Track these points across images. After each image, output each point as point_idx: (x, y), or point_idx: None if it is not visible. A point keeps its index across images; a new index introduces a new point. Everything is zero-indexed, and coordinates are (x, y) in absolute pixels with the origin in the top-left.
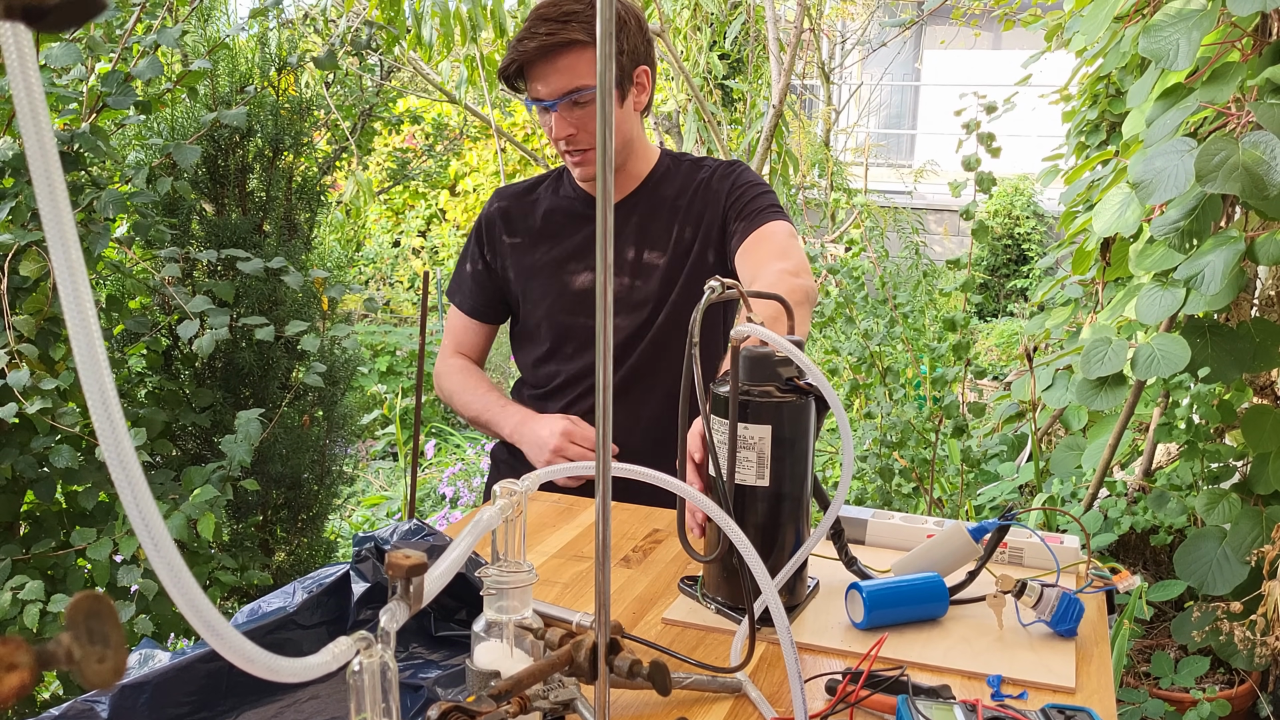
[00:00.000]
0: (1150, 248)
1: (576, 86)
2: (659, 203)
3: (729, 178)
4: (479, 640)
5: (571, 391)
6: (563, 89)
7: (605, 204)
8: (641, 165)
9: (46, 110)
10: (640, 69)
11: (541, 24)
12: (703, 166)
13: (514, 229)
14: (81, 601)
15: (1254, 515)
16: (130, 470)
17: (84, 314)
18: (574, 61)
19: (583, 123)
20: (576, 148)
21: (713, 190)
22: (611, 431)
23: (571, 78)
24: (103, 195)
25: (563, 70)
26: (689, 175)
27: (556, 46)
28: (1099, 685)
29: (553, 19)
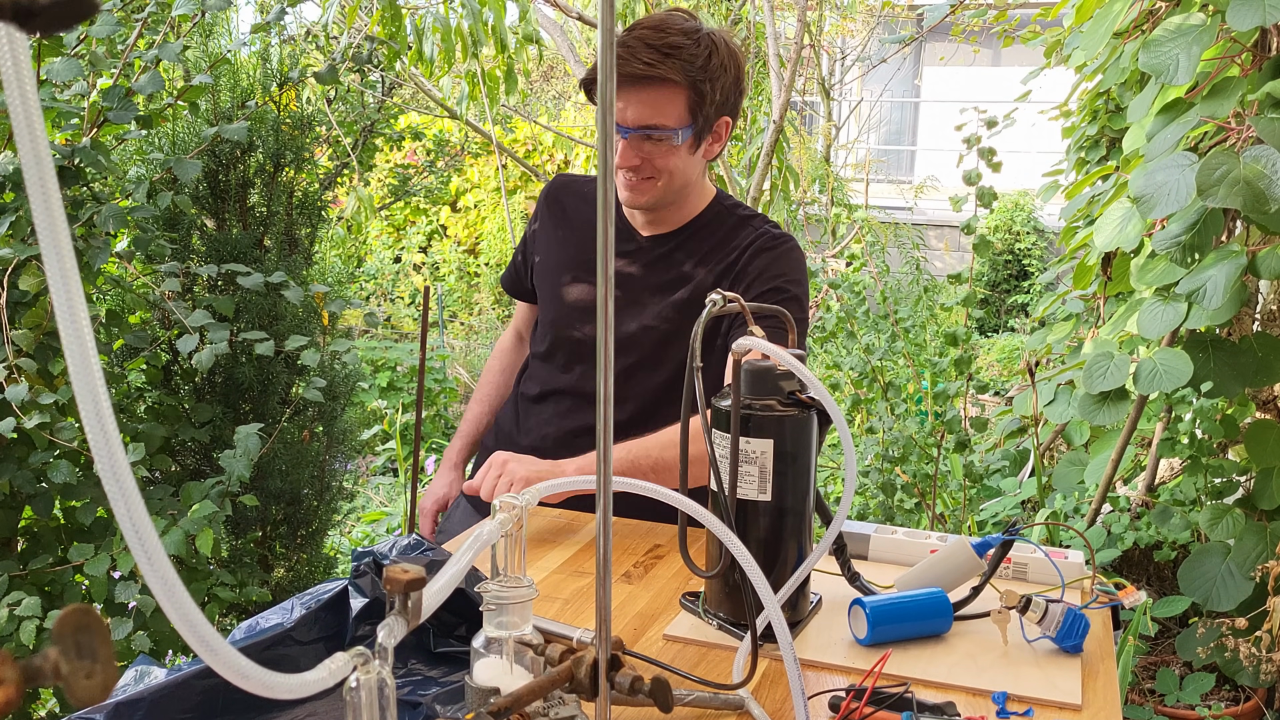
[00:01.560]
0: (1151, 262)
1: (656, 124)
2: (694, 249)
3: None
4: (478, 656)
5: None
6: (642, 121)
7: (605, 206)
8: (691, 207)
9: (41, 117)
10: (723, 120)
11: (644, 49)
12: (748, 227)
13: (553, 216)
14: (70, 616)
15: (1258, 531)
16: (125, 485)
17: (78, 326)
18: (661, 99)
19: (650, 157)
20: (638, 176)
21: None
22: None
23: (654, 113)
24: (103, 210)
25: (647, 104)
26: (733, 231)
27: (650, 80)
28: (1105, 702)
29: (656, 47)
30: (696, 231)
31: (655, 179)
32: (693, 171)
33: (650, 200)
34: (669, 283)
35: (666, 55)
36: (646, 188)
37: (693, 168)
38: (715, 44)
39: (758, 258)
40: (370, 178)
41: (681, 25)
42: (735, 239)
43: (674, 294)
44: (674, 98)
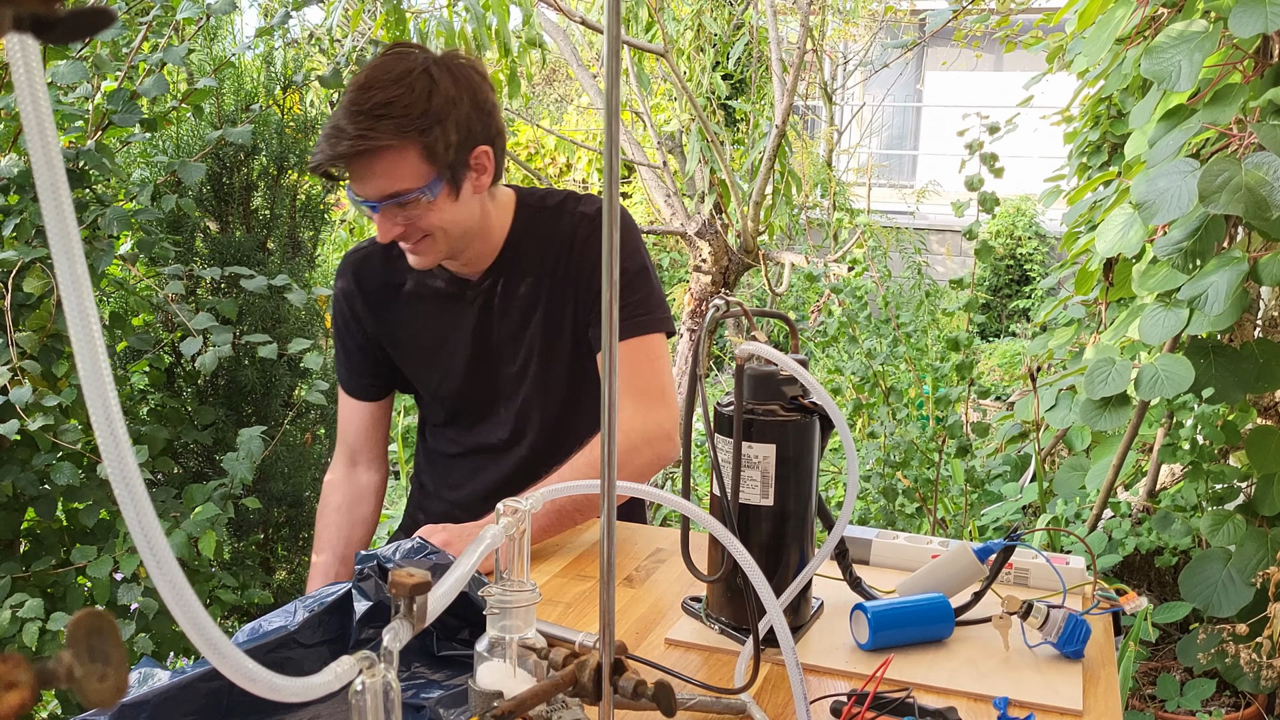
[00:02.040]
0: (1153, 268)
1: (397, 191)
2: (524, 267)
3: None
4: (482, 660)
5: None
6: (382, 193)
7: (610, 203)
8: (496, 236)
9: (53, 123)
10: (478, 151)
11: (351, 120)
12: (562, 216)
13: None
14: (83, 619)
15: (1259, 537)
16: (133, 486)
17: (89, 327)
18: (390, 165)
19: (412, 221)
20: (410, 241)
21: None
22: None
23: (391, 181)
24: (107, 212)
25: (379, 174)
26: (550, 228)
27: (368, 151)
28: (1106, 707)
29: (365, 112)
30: (516, 249)
31: (432, 237)
32: (470, 214)
33: (440, 256)
34: (518, 312)
35: (377, 119)
36: (428, 247)
37: (467, 211)
38: (435, 79)
39: (586, 247)
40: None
41: (391, 73)
42: (555, 236)
43: (529, 322)
44: (403, 158)
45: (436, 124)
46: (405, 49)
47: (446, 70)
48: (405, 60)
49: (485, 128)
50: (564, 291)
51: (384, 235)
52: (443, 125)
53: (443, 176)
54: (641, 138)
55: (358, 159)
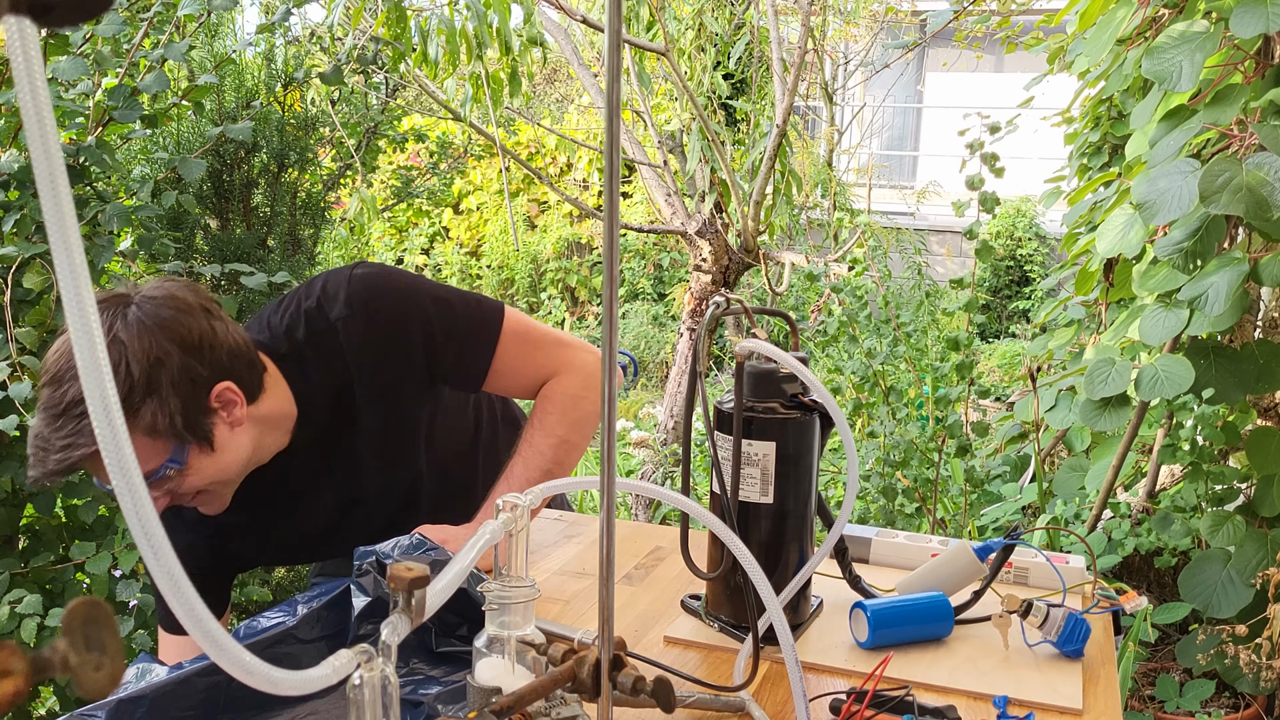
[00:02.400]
0: (1154, 269)
1: (147, 473)
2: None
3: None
4: (480, 656)
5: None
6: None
7: (611, 207)
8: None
9: (52, 114)
10: (217, 391)
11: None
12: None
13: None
14: (79, 608)
15: (1259, 538)
16: (131, 479)
17: (87, 322)
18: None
19: (173, 490)
20: (190, 503)
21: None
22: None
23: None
24: (108, 209)
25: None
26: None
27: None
28: (1106, 707)
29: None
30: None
31: (207, 492)
32: (239, 448)
33: (228, 498)
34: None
35: (80, 418)
36: (208, 500)
37: (235, 448)
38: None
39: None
40: (373, 179)
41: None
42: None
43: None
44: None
45: (146, 398)
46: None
47: (137, 327)
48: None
49: (212, 365)
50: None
51: (162, 507)
52: (156, 396)
53: (184, 440)
54: (643, 137)
55: (79, 466)
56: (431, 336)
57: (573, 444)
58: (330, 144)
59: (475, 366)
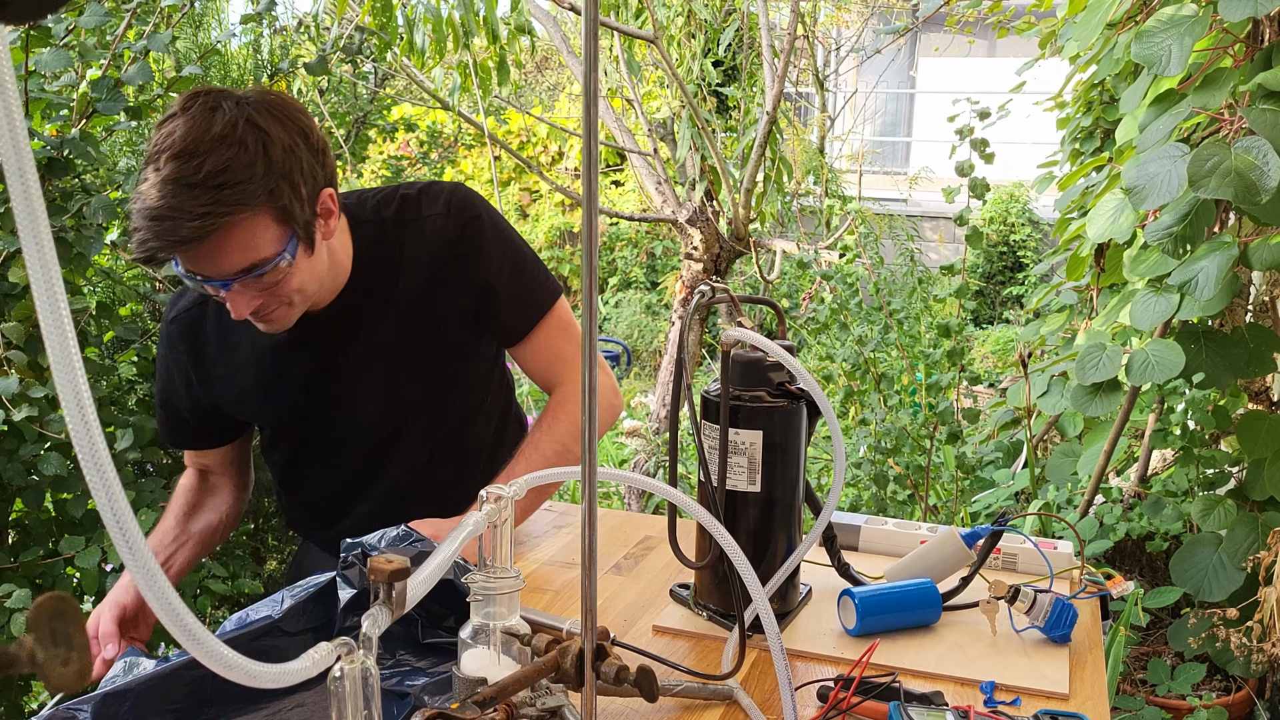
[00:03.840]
0: (1144, 253)
1: (255, 263)
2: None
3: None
4: (466, 647)
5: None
6: (238, 268)
7: (590, 200)
8: (341, 270)
9: (20, 107)
10: (323, 196)
11: (187, 198)
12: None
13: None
14: (45, 603)
15: (1250, 521)
16: (104, 470)
17: (57, 310)
18: (241, 237)
19: (268, 289)
20: (266, 313)
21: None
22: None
23: (246, 254)
24: (93, 201)
25: (234, 249)
26: (395, 240)
27: (216, 230)
28: (1093, 691)
29: (200, 184)
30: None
31: (290, 304)
32: (321, 263)
33: (298, 315)
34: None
35: (218, 189)
36: (284, 315)
37: (319, 261)
38: (265, 130)
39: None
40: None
41: (210, 132)
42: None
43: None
44: (256, 224)
45: (284, 179)
46: (209, 98)
47: (271, 116)
48: (219, 113)
49: (325, 169)
50: (435, 303)
51: (240, 312)
52: (290, 180)
53: (297, 235)
54: (633, 125)
55: (204, 242)
56: (498, 274)
57: (575, 455)
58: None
59: (519, 324)
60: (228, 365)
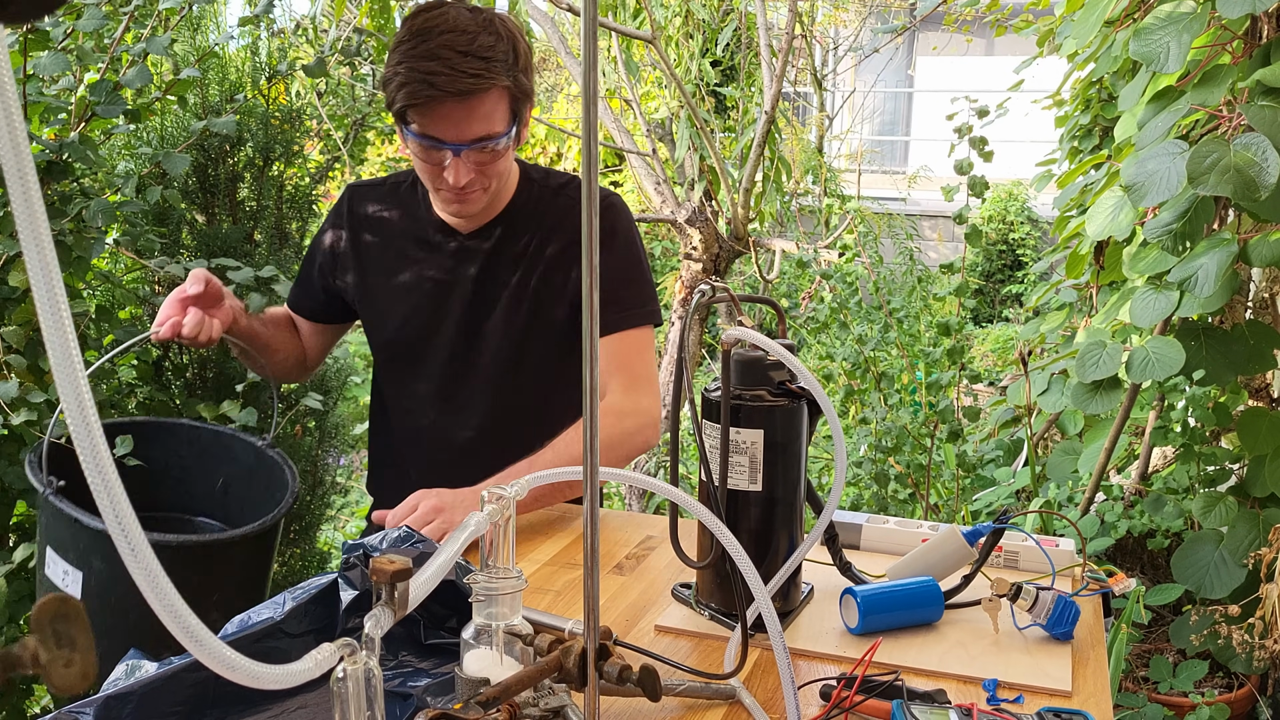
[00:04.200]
0: (1144, 251)
1: (489, 134)
2: (517, 235)
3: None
4: (469, 648)
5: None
6: (475, 135)
7: (590, 199)
8: (502, 196)
9: (20, 110)
10: (528, 105)
11: (460, 59)
12: (563, 197)
13: (364, 228)
14: (48, 604)
15: (1251, 518)
16: (107, 475)
17: (58, 313)
18: (488, 107)
19: (483, 165)
20: (470, 190)
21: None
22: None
23: (486, 124)
24: (92, 204)
25: (480, 116)
26: (550, 204)
27: (477, 91)
28: (1095, 688)
29: (472, 54)
30: (516, 216)
31: (486, 188)
32: (509, 166)
33: (481, 207)
34: (506, 277)
35: (486, 60)
36: (477, 198)
37: (510, 164)
38: (509, 30)
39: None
40: (362, 171)
41: (474, 19)
42: (555, 216)
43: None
44: (499, 102)
45: (523, 73)
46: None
47: (505, 20)
48: (472, 10)
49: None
50: (561, 271)
51: (460, 178)
52: (525, 74)
53: (516, 124)
54: (631, 126)
55: (465, 99)
56: (612, 267)
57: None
58: (318, 137)
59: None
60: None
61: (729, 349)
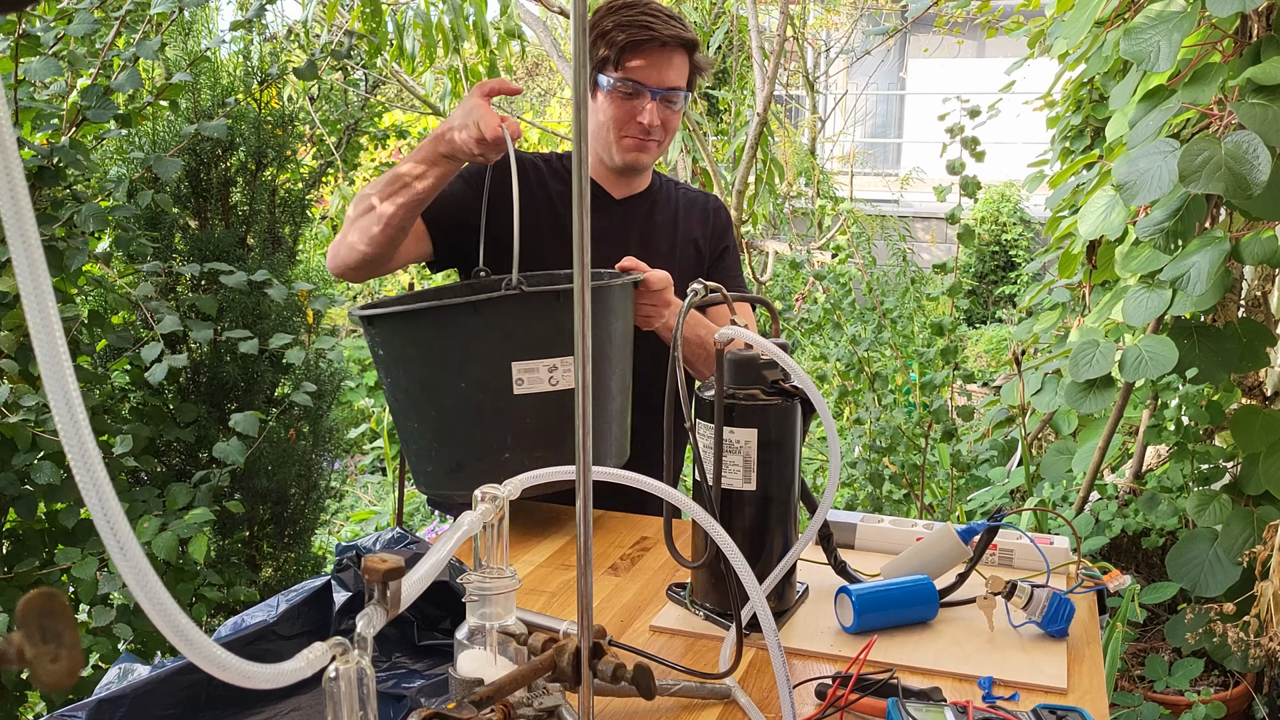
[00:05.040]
0: (1136, 250)
1: (679, 86)
2: (660, 208)
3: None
4: (462, 648)
5: None
6: (669, 84)
7: (580, 196)
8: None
9: (8, 116)
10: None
11: (668, 17)
12: (680, 189)
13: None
14: (34, 600)
15: (1245, 516)
16: (94, 470)
17: (48, 320)
18: (683, 64)
19: (665, 118)
20: (651, 138)
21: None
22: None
23: (678, 76)
24: (84, 209)
25: (677, 68)
26: (675, 193)
27: (682, 46)
28: (1091, 685)
29: (672, 16)
30: (657, 191)
31: (661, 142)
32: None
33: (652, 160)
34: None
35: (681, 23)
36: (652, 147)
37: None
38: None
39: (716, 219)
40: (355, 176)
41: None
42: (686, 199)
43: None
44: (688, 62)
45: (697, 50)
46: None
47: None
48: None
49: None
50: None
51: (652, 119)
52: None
53: (688, 91)
54: None
55: (669, 48)
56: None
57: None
58: (311, 142)
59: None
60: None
61: (722, 348)
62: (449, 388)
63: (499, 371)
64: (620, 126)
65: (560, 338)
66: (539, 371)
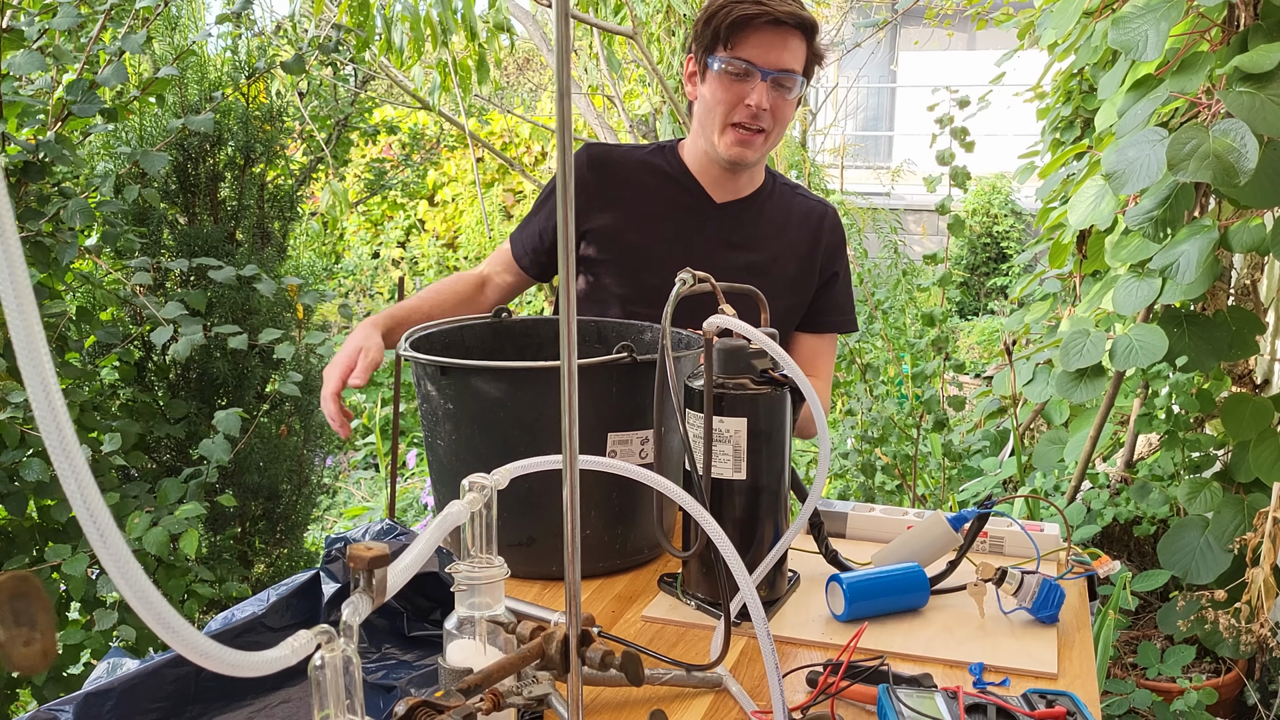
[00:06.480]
0: (1125, 239)
1: (792, 69)
2: (771, 215)
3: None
4: (451, 638)
5: None
6: (782, 65)
7: (565, 191)
8: (759, 175)
9: None
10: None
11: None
12: (800, 197)
13: (608, 182)
14: (7, 583)
15: (1236, 503)
16: (75, 463)
17: (25, 312)
18: (798, 46)
19: (775, 103)
20: (757, 125)
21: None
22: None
23: (792, 58)
24: (70, 204)
25: (792, 50)
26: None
27: (798, 27)
28: (1081, 670)
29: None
30: (763, 200)
31: (767, 134)
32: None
33: (757, 157)
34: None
35: (802, 9)
36: (758, 142)
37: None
38: None
39: (833, 234)
40: (345, 172)
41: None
42: (799, 211)
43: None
44: (803, 46)
45: (816, 34)
46: None
47: None
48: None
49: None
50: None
51: (760, 101)
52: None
53: (803, 79)
54: (615, 123)
55: (784, 28)
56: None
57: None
58: (300, 138)
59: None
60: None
61: (711, 338)
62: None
63: (592, 440)
64: (727, 111)
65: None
66: (632, 444)
